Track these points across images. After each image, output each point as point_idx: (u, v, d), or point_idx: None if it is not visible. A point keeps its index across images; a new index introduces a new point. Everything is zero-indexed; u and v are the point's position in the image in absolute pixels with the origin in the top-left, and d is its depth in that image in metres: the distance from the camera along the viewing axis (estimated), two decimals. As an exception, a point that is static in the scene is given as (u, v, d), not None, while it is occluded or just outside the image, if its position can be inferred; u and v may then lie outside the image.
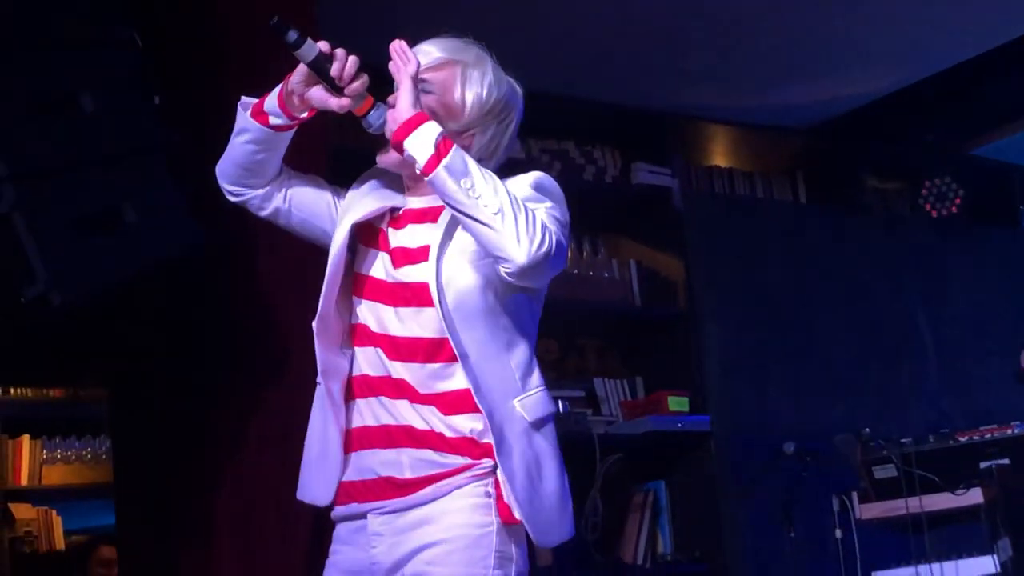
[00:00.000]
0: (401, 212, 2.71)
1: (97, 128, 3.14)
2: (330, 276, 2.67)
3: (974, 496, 4.58)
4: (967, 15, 5.61)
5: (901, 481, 4.67)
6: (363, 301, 2.68)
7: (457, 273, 2.58)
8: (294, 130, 2.73)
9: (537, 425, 2.60)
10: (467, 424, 2.57)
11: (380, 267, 2.68)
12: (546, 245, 2.45)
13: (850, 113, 6.53)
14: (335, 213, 2.77)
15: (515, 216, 2.43)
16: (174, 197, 3.30)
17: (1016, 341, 6.11)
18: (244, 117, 2.70)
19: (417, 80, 2.54)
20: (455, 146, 2.48)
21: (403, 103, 2.52)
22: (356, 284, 2.70)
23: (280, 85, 2.65)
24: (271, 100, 2.66)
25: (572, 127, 5.90)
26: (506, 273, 2.48)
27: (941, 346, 6.52)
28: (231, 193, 2.81)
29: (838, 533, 4.84)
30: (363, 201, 2.75)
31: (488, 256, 2.51)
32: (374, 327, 2.64)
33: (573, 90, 5.71)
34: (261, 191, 2.78)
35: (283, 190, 2.79)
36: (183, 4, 4.16)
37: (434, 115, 2.58)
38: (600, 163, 6.00)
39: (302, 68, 2.60)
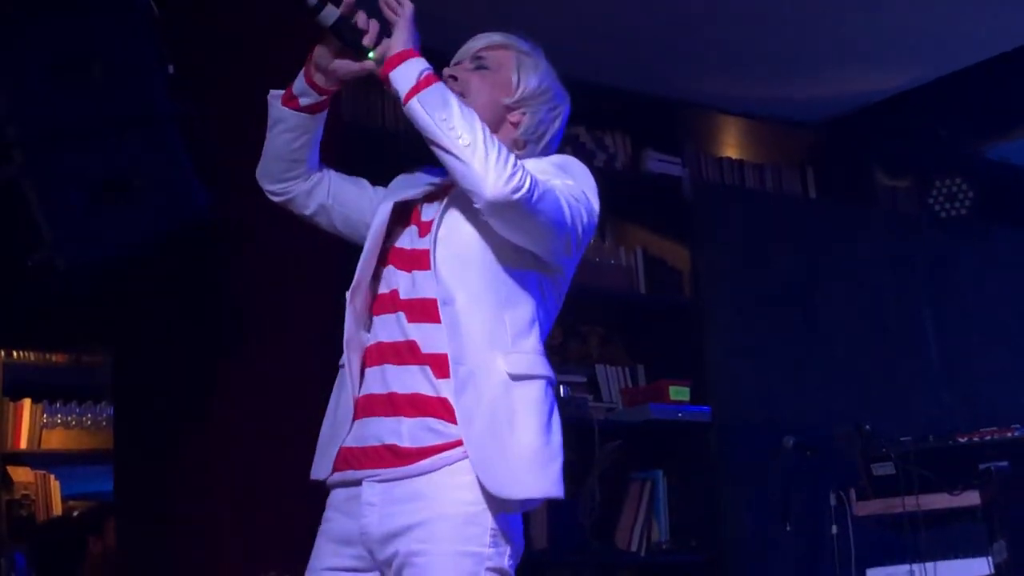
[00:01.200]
0: (439, 191, 2.74)
1: (109, 95, 3.14)
2: (368, 248, 2.71)
3: (972, 497, 4.58)
4: (984, 15, 5.59)
5: (899, 479, 4.67)
6: (391, 269, 2.70)
7: (454, 226, 2.62)
8: (326, 111, 2.77)
9: (521, 380, 2.58)
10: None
11: (408, 237, 2.72)
12: (515, 181, 2.45)
13: (863, 109, 6.52)
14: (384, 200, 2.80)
15: (486, 150, 2.46)
16: (184, 167, 3.30)
17: (1022, 342, 6.12)
18: (276, 107, 2.75)
19: (413, 22, 2.60)
20: (439, 82, 2.54)
21: (397, 39, 2.58)
22: (386, 255, 2.73)
23: (304, 66, 2.71)
24: (298, 82, 2.72)
25: (584, 112, 5.84)
26: (477, 208, 2.50)
27: (945, 345, 6.52)
28: (275, 193, 2.85)
29: (834, 529, 4.83)
30: (406, 185, 2.81)
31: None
32: (401, 293, 2.66)
33: (586, 75, 5.67)
34: (304, 186, 2.83)
35: (326, 186, 2.84)
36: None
37: (489, 87, 2.70)
38: (611, 149, 6.00)
39: (325, 40, 2.65)
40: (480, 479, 2.51)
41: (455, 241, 2.61)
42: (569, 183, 2.63)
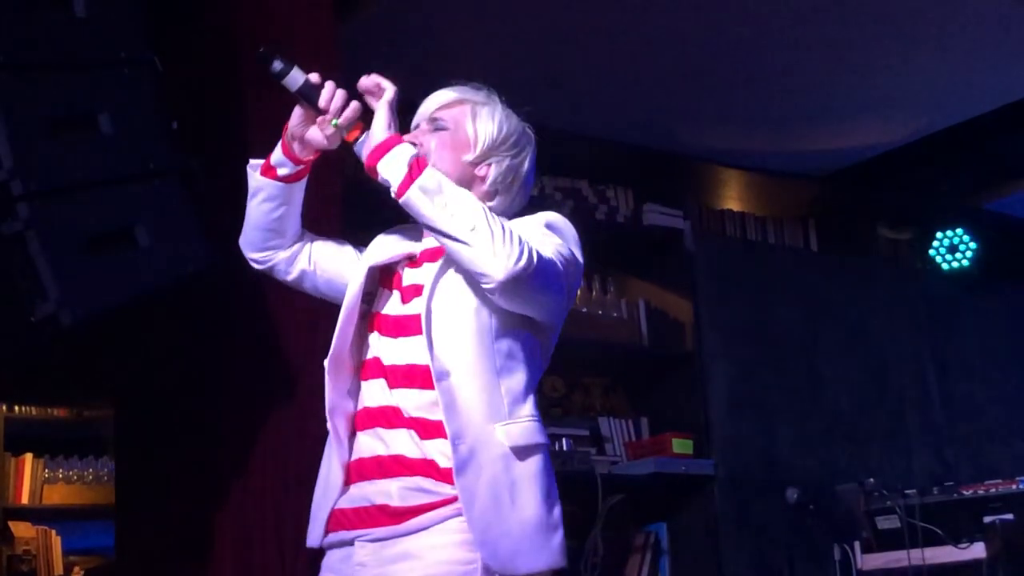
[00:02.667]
0: (418, 255, 2.73)
1: (114, 149, 3.15)
2: (345, 316, 2.69)
3: (977, 550, 4.56)
4: (985, 69, 5.62)
5: (904, 532, 4.65)
6: (374, 336, 2.69)
7: (450, 296, 2.59)
8: (305, 179, 2.78)
9: (520, 452, 2.55)
10: (447, 450, 2.54)
11: (391, 304, 2.70)
12: (524, 260, 2.45)
13: (865, 163, 6.54)
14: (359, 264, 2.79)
15: (491, 231, 2.45)
16: (187, 221, 3.30)
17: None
18: (255, 177, 2.76)
19: (394, 106, 2.59)
20: (429, 166, 2.52)
21: (377, 125, 2.57)
22: (370, 321, 2.71)
23: (281, 137, 2.71)
24: (276, 152, 2.73)
25: (586, 166, 5.91)
26: (488, 291, 2.49)
27: (948, 398, 6.51)
28: (257, 262, 2.85)
29: (839, 583, 4.81)
30: (384, 247, 2.79)
31: (473, 279, 2.52)
32: (384, 360, 2.65)
33: (588, 129, 5.73)
34: (285, 254, 2.83)
35: (307, 251, 2.84)
36: (203, 30, 4.18)
37: (449, 148, 2.66)
38: (612, 203, 6.02)
39: (298, 110, 2.66)
40: (484, 557, 2.49)
41: (449, 313, 2.58)
42: (557, 242, 2.61)
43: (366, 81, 2.63)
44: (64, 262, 3.06)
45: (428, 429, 2.56)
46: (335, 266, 2.84)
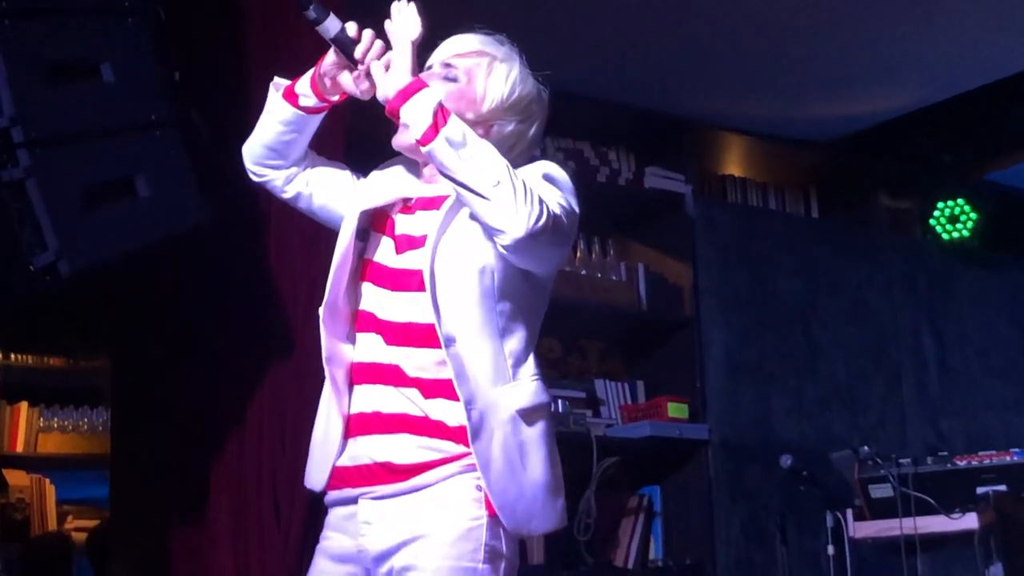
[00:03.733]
0: (414, 200, 2.70)
1: (115, 99, 3.14)
2: (337, 263, 2.67)
3: (969, 521, 4.57)
4: (990, 39, 5.60)
5: (897, 501, 4.67)
6: (367, 286, 2.67)
7: (452, 257, 2.56)
8: (323, 114, 2.74)
9: (526, 414, 2.56)
10: (450, 410, 2.54)
11: (384, 253, 2.67)
12: (543, 219, 2.44)
13: (867, 130, 6.52)
14: (354, 198, 2.76)
15: (513, 188, 2.42)
16: (186, 172, 3.29)
17: (1021, 368, 6.12)
18: (275, 97, 2.72)
19: (416, 45, 2.53)
20: (453, 114, 2.47)
21: (400, 67, 2.51)
22: (363, 270, 2.69)
23: (313, 67, 2.68)
24: (303, 82, 2.69)
25: (588, 128, 5.89)
26: (502, 247, 2.47)
27: (944, 368, 6.51)
28: (255, 174, 2.82)
29: (831, 550, 4.83)
30: (378, 189, 2.75)
31: (485, 232, 2.50)
32: (378, 314, 2.63)
33: (592, 91, 5.71)
34: (284, 173, 2.80)
35: (305, 174, 2.81)
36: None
37: (454, 100, 2.60)
38: (614, 165, 6.00)
39: (333, 52, 2.62)
40: (503, 519, 2.51)
41: (453, 275, 2.56)
42: (557, 194, 2.58)
43: (400, 5, 2.55)
44: (64, 212, 3.05)
45: (430, 389, 2.55)
46: (331, 193, 2.81)
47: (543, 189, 2.54)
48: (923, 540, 4.64)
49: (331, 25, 2.57)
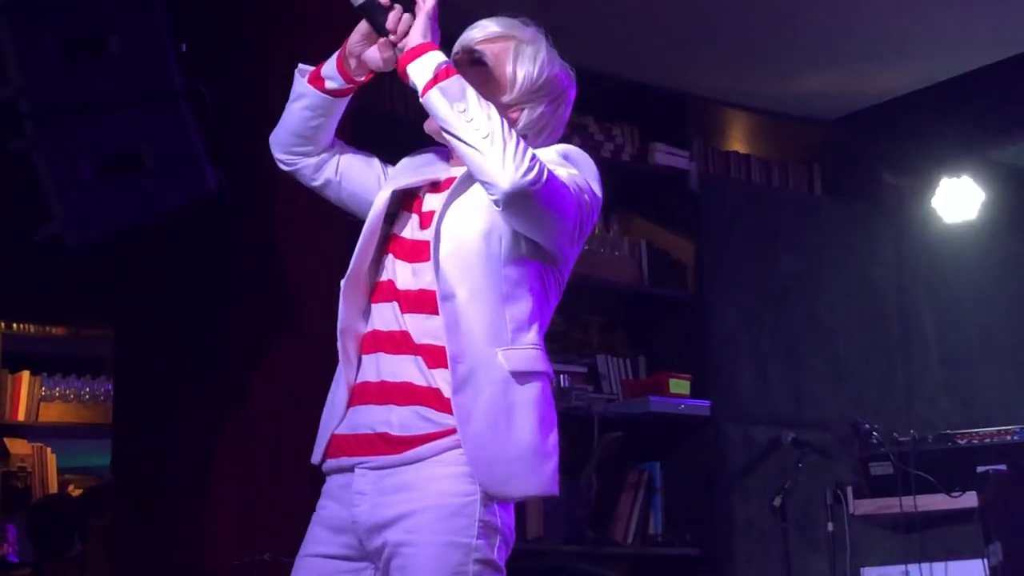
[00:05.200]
0: (441, 182, 2.73)
1: (123, 71, 3.14)
2: (364, 238, 2.68)
3: (969, 499, 4.58)
4: (996, 18, 5.59)
5: (897, 479, 4.67)
6: (390, 258, 2.69)
7: (459, 220, 2.59)
8: (349, 97, 2.76)
9: (520, 377, 2.56)
10: (449, 379, 2.55)
11: (409, 227, 2.70)
12: (533, 174, 2.45)
13: (872, 108, 6.51)
14: (383, 185, 2.78)
15: (504, 142, 2.45)
16: (194, 144, 3.29)
17: (1022, 347, 6.12)
18: (301, 83, 2.74)
19: (432, 14, 2.58)
20: (458, 75, 2.52)
21: (415, 32, 2.56)
22: (389, 243, 2.71)
23: (339, 49, 2.70)
24: (329, 64, 2.71)
25: (593, 103, 5.87)
26: (493, 201, 2.49)
27: (945, 346, 6.52)
28: (283, 162, 2.83)
29: (830, 527, 4.84)
30: (409, 172, 2.78)
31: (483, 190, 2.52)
32: (398, 283, 2.65)
33: (596, 66, 5.69)
34: (313, 160, 2.81)
35: (335, 161, 2.82)
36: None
37: (484, 85, 2.61)
38: (618, 140, 5.99)
39: (361, 28, 2.65)
40: (478, 477, 2.51)
41: (458, 234, 2.58)
42: (574, 172, 2.61)
43: None
44: (70, 183, 3.06)
45: (435, 357, 2.56)
46: (360, 181, 2.82)
47: (557, 165, 2.56)
48: (923, 518, 4.65)
49: None
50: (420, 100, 2.52)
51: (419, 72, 2.52)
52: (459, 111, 2.47)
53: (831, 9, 5.50)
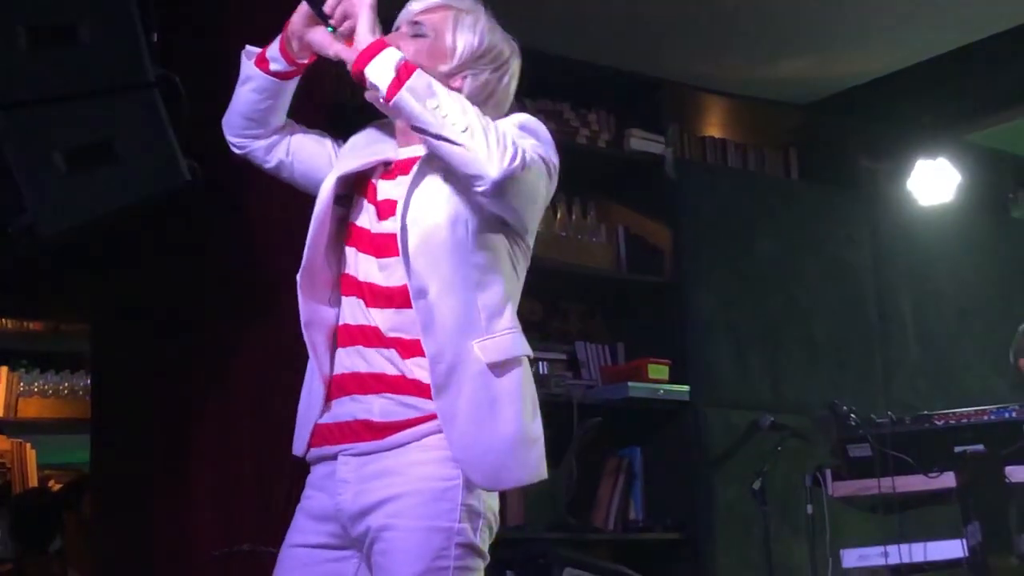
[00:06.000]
0: (393, 164, 2.71)
1: (94, 60, 3.12)
2: (314, 229, 2.67)
3: (947, 480, 4.59)
4: (968, 0, 5.60)
5: (875, 461, 4.69)
6: (351, 251, 2.68)
7: (423, 213, 2.57)
8: (297, 79, 2.75)
9: (497, 368, 2.56)
10: (427, 368, 2.54)
11: (367, 218, 2.68)
12: (518, 159, 2.45)
13: (847, 91, 6.53)
14: (334, 165, 2.77)
15: (484, 132, 2.44)
16: (167, 133, 3.27)
17: (1000, 329, 6.14)
18: (248, 65, 2.73)
19: (375, 8, 2.55)
20: (418, 69, 2.50)
21: (361, 30, 2.53)
22: (348, 234, 2.70)
23: (281, 32, 2.68)
24: (272, 47, 2.70)
25: (568, 89, 5.88)
26: (480, 192, 2.48)
27: (922, 328, 6.54)
28: (235, 146, 2.82)
29: (810, 509, 4.85)
30: (356, 154, 2.76)
31: (463, 181, 2.51)
32: (360, 276, 2.64)
33: (571, 52, 5.69)
34: (264, 143, 2.80)
35: (286, 142, 2.81)
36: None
37: (426, 56, 2.61)
38: (594, 127, 5.99)
39: (302, 9, 2.63)
40: (467, 475, 2.51)
41: (424, 226, 2.56)
42: (533, 143, 2.58)
43: None
44: (42, 173, 3.04)
45: (408, 348, 2.56)
46: (311, 161, 2.81)
47: (518, 136, 2.54)
48: (901, 499, 4.66)
49: None
50: (387, 104, 2.49)
51: (379, 74, 2.48)
52: (432, 108, 2.45)
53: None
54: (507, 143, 2.45)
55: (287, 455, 2.72)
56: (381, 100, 2.51)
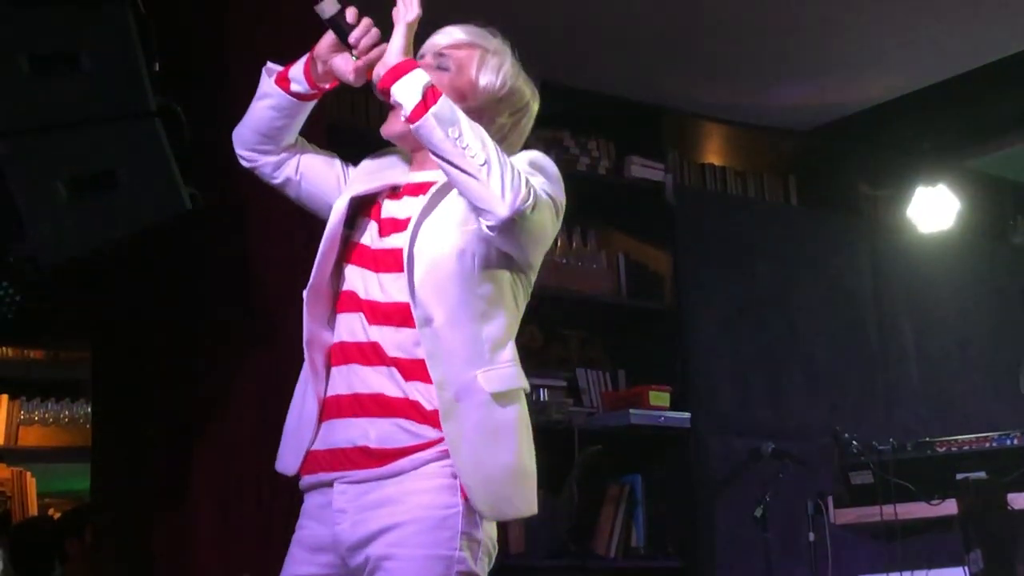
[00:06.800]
0: (402, 186, 2.72)
1: (96, 88, 3.12)
2: (324, 247, 2.68)
3: (949, 507, 4.59)
4: (969, 27, 5.61)
5: (877, 488, 4.68)
6: (351, 267, 2.68)
7: (433, 239, 2.57)
8: (315, 101, 2.76)
9: (500, 398, 2.56)
10: (427, 393, 2.55)
11: (368, 236, 2.69)
12: (530, 200, 2.46)
13: (846, 118, 6.53)
14: (343, 187, 2.78)
15: (501, 168, 2.44)
16: (168, 162, 3.28)
17: (1001, 355, 6.14)
18: (268, 82, 2.73)
19: (413, 28, 2.57)
20: (444, 95, 2.50)
21: (393, 47, 2.55)
22: (347, 252, 2.70)
23: (307, 53, 2.69)
24: (296, 67, 2.71)
25: (569, 116, 5.89)
26: (488, 227, 2.48)
27: (923, 355, 6.54)
28: (244, 159, 2.82)
29: (812, 536, 4.84)
30: (368, 177, 2.77)
31: (472, 213, 2.51)
32: (361, 293, 2.64)
33: (571, 80, 5.70)
34: (274, 159, 2.81)
35: (295, 160, 2.82)
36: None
37: (447, 90, 2.59)
38: (594, 154, 6.00)
39: (329, 36, 2.64)
40: (473, 501, 2.50)
41: (432, 255, 2.57)
42: (542, 180, 2.60)
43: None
44: (43, 202, 3.04)
45: (409, 370, 2.55)
46: (320, 182, 2.82)
47: (527, 174, 2.54)
48: (903, 526, 4.66)
49: (328, 6, 2.58)
50: (410, 125, 2.49)
51: (406, 95, 2.49)
52: (453, 137, 2.45)
53: (804, 21, 5.52)
54: (521, 183, 2.46)
55: (287, 484, 2.70)
56: (403, 119, 2.51)
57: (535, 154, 2.67)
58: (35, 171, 3.05)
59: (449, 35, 2.73)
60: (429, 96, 2.47)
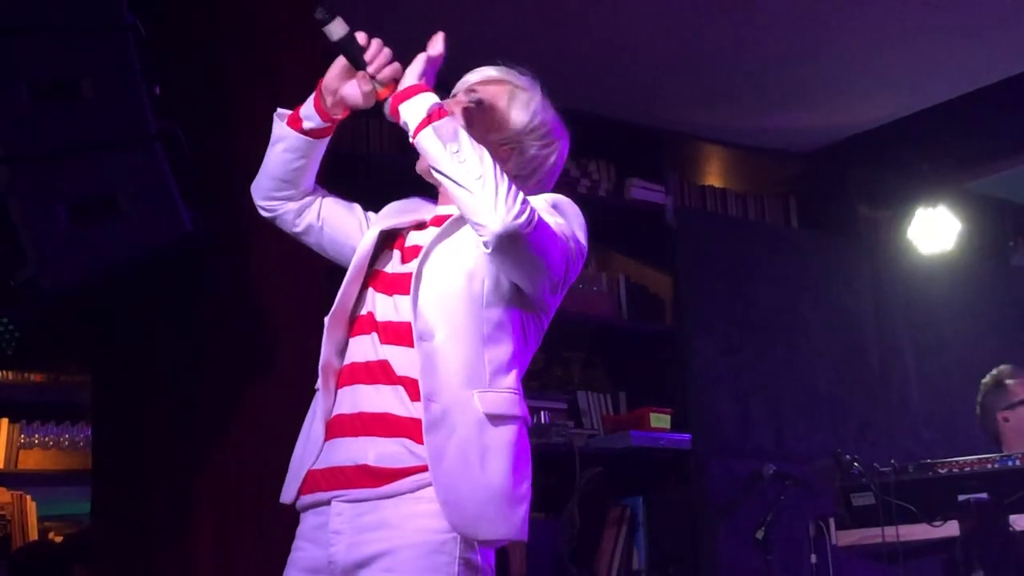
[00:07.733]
0: (428, 220, 2.77)
1: (96, 114, 3.13)
2: (351, 276, 2.72)
3: (951, 528, 4.57)
4: (967, 49, 5.63)
5: (879, 509, 4.67)
6: (370, 292, 2.71)
7: (444, 261, 2.61)
8: (329, 137, 2.79)
9: (495, 420, 2.56)
10: None
11: (391, 263, 2.73)
12: (523, 217, 2.47)
13: (846, 140, 6.55)
14: (364, 232, 2.82)
15: (496, 184, 2.47)
16: (169, 186, 3.29)
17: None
18: (280, 126, 2.76)
19: (435, 63, 2.62)
20: (450, 116, 2.54)
21: (410, 72, 2.59)
22: (369, 278, 2.74)
23: (314, 91, 2.72)
24: (306, 105, 2.74)
25: (569, 139, 5.89)
26: (482, 243, 2.50)
27: (924, 376, 6.53)
28: (265, 209, 2.86)
29: (813, 559, 4.83)
30: (396, 216, 2.82)
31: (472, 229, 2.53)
32: (377, 315, 2.67)
33: (571, 103, 5.65)
34: (295, 206, 2.84)
35: (316, 206, 2.85)
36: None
37: (477, 123, 2.66)
38: (595, 176, 6.01)
39: (338, 63, 2.67)
40: (447, 517, 2.49)
41: (442, 273, 2.60)
42: (560, 222, 2.63)
43: (438, 36, 2.64)
44: (45, 227, 3.05)
45: (415, 390, 2.56)
46: (342, 227, 2.85)
47: (543, 211, 2.58)
48: (905, 548, 4.64)
49: (336, 28, 2.60)
50: (411, 140, 2.54)
51: (411, 111, 2.54)
52: (452, 151, 2.49)
53: (804, 44, 5.54)
54: (517, 201, 2.47)
55: (288, 507, 2.70)
56: (410, 138, 2.55)
57: (559, 197, 2.72)
58: (35, 197, 3.05)
59: (480, 73, 2.81)
60: (435, 114, 2.51)
